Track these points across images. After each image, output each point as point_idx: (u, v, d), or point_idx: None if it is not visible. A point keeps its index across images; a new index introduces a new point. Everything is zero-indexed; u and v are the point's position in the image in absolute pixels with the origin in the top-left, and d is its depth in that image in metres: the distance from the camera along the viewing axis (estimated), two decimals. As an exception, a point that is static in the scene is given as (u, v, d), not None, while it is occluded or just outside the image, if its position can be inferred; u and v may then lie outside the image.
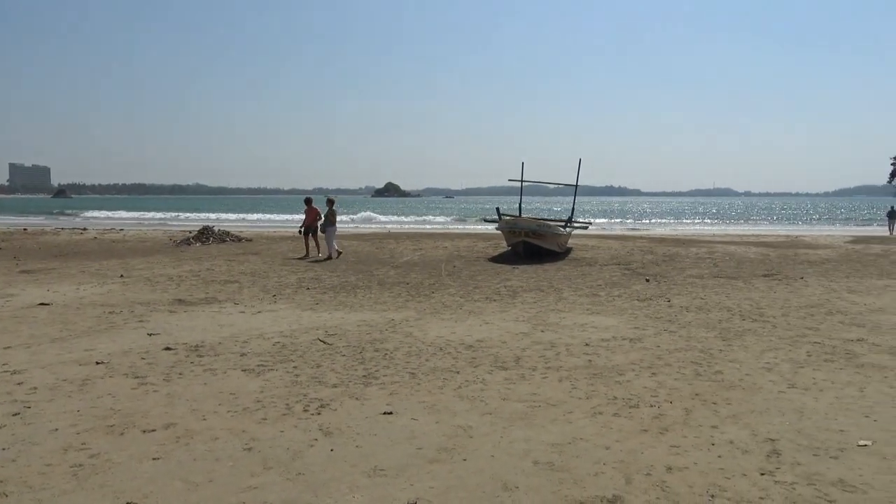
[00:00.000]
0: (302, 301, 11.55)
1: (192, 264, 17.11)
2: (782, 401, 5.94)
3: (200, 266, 16.70)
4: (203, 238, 24.09)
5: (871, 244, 25.37)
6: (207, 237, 24.24)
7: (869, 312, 10.47)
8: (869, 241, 27.13)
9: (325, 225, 19.07)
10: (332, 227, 19.06)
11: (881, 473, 4.38)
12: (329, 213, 19.11)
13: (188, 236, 25.17)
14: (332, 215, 19.12)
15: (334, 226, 19.18)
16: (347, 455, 4.69)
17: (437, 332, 8.91)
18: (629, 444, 4.89)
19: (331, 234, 18.96)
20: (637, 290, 13.09)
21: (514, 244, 19.26)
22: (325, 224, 19.09)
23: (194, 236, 24.53)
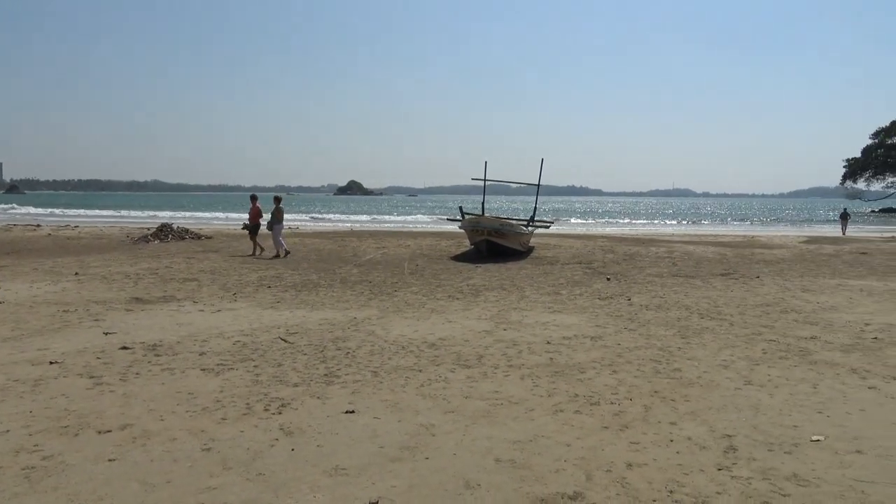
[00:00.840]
0: (263, 299, 11.42)
1: (150, 262, 16.81)
2: (739, 397, 6.05)
3: (159, 264, 16.41)
4: (162, 235, 23.70)
5: (823, 244, 26.02)
6: (166, 234, 23.85)
7: (822, 311, 10.73)
8: (822, 242, 27.82)
9: (272, 222, 18.98)
10: (279, 224, 19.01)
11: (833, 467, 4.48)
12: (275, 211, 19.06)
13: (146, 233, 24.72)
14: (278, 213, 19.06)
15: (281, 223, 19.14)
16: (308, 455, 4.65)
17: (399, 331, 8.89)
18: (590, 441, 4.93)
19: (277, 232, 18.89)
20: (598, 288, 13.23)
21: (476, 243, 19.32)
22: (271, 221, 19.01)
23: (153, 233, 24.12)
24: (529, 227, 22.81)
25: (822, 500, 3.99)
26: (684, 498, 4.02)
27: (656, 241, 26.34)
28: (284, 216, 19.60)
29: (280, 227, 19.00)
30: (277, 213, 19.03)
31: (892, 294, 12.66)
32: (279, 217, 19.06)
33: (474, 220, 19.81)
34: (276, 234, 18.85)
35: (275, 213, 19.04)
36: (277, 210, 19.05)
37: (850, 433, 5.15)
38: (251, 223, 19.35)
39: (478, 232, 19.11)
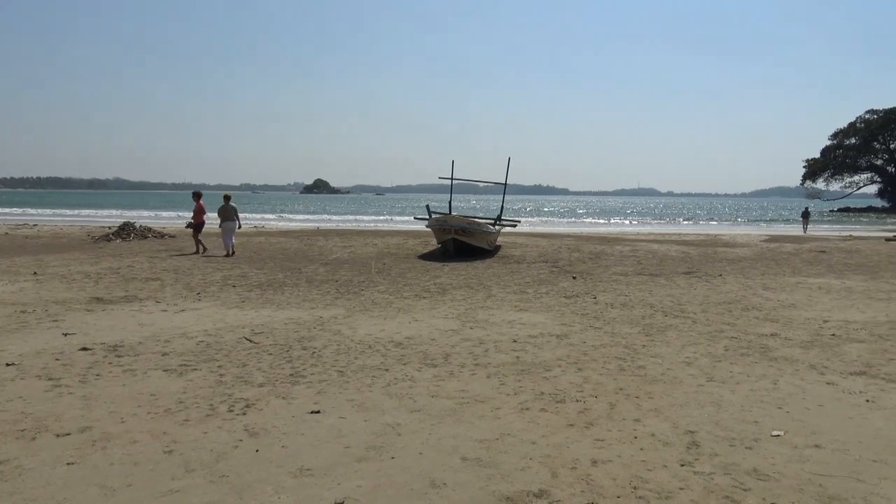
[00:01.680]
0: (227, 299, 11.29)
1: (112, 261, 16.51)
2: (701, 394, 6.14)
3: (120, 263, 16.13)
4: (123, 234, 23.31)
5: (784, 243, 26.53)
6: (128, 233, 23.46)
7: (782, 308, 10.93)
8: (782, 241, 28.37)
9: (222, 220, 18.88)
10: (230, 222, 18.84)
11: (792, 462, 4.57)
12: (224, 209, 18.93)
13: (108, 232, 24.29)
14: (226, 211, 18.94)
15: (233, 221, 18.93)
16: (273, 455, 4.60)
17: (366, 330, 8.86)
18: (555, 439, 4.96)
19: (225, 230, 18.78)
20: (564, 287, 13.32)
21: (443, 242, 19.33)
22: (221, 220, 18.91)
23: (114, 232, 23.71)
24: (496, 225, 22.90)
25: (782, 494, 4.07)
26: (648, 494, 4.07)
27: (621, 239, 26.62)
28: (239, 215, 19.42)
29: (230, 226, 18.83)
30: (224, 212, 18.89)
31: (849, 292, 12.96)
32: (228, 215, 18.89)
33: (441, 219, 19.82)
34: (223, 233, 18.78)
35: (222, 211, 18.93)
36: (226, 208, 18.91)
37: (809, 428, 5.25)
38: (195, 221, 19.17)
39: (445, 231, 19.12)
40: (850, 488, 4.16)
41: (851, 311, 10.65)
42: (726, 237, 31.52)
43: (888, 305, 11.29)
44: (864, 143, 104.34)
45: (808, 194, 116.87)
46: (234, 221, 18.94)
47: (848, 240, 29.16)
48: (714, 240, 28.59)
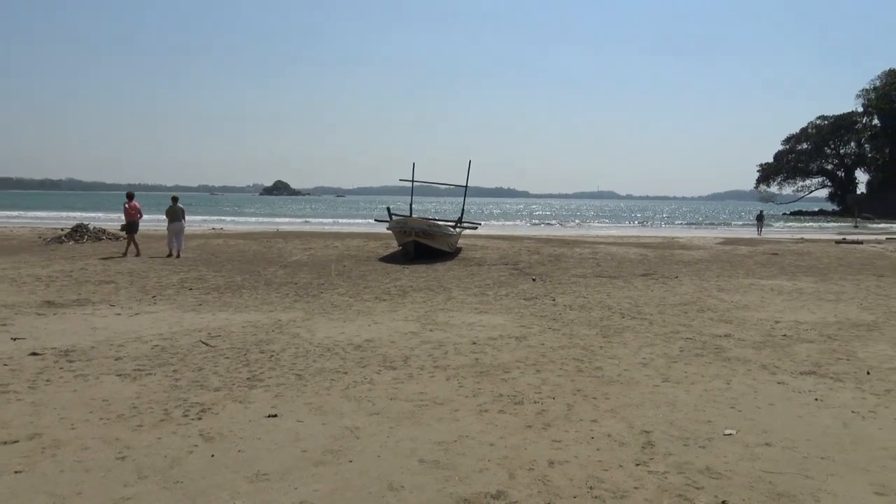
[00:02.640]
0: (184, 302, 11.11)
1: (64, 264, 16.13)
2: (657, 394, 6.23)
3: (73, 266, 15.76)
4: (76, 236, 22.76)
5: (739, 245, 27.05)
6: (81, 235, 22.92)
7: (736, 309, 11.16)
8: (737, 243, 28.92)
9: (170, 222, 18.92)
10: (177, 223, 18.86)
11: (744, 460, 4.67)
12: (171, 210, 18.98)
13: (60, 234, 23.71)
14: (173, 212, 18.97)
15: (180, 222, 18.97)
16: (229, 460, 4.55)
17: (325, 333, 8.80)
18: (513, 441, 4.99)
19: (171, 231, 18.83)
20: (524, 289, 13.41)
21: (404, 244, 19.30)
22: (169, 221, 18.96)
23: (67, 234, 23.14)
24: (457, 228, 22.95)
25: (734, 492, 4.15)
26: (604, 493, 4.12)
27: (581, 242, 26.87)
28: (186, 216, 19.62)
29: (176, 227, 18.85)
30: (171, 213, 18.97)
31: (800, 293, 13.28)
32: (175, 216, 18.95)
33: (402, 222, 19.79)
34: (170, 234, 18.85)
35: (169, 213, 19.00)
36: (174, 209, 18.97)
37: (760, 427, 5.37)
38: (128, 222, 18.90)
39: (405, 233, 19.10)
40: (799, 485, 4.26)
41: (802, 312, 10.91)
42: (683, 240, 32.04)
43: (837, 306, 11.61)
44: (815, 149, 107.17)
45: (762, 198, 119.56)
46: (182, 222, 19.07)
47: (800, 242, 29.86)
48: (671, 242, 29.03)
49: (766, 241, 30.63)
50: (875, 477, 4.40)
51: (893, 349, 8.25)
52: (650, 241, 29.44)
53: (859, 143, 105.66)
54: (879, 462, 4.66)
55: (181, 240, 18.89)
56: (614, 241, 29.62)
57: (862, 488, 4.23)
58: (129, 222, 18.82)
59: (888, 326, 9.75)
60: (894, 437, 5.17)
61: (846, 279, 15.89)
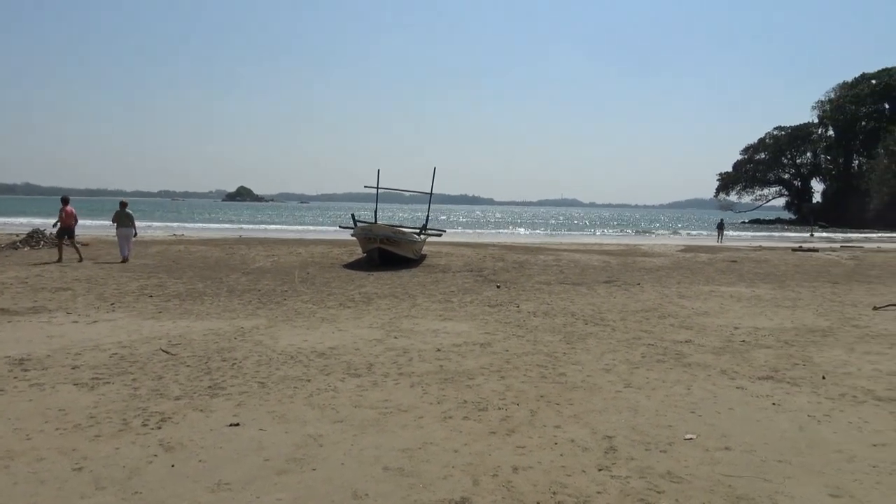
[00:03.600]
0: (143, 309, 10.92)
1: (19, 270, 15.74)
2: (619, 400, 6.30)
3: (28, 272, 15.39)
4: (32, 242, 22.23)
5: (699, 253, 27.50)
6: (37, 241, 22.38)
7: (696, 315, 11.34)
8: (697, 251, 29.39)
9: (118, 227, 19.02)
10: (125, 229, 18.96)
11: (704, 464, 4.74)
12: (120, 216, 19.09)
13: (15, 240, 23.13)
14: (122, 218, 19.08)
15: (129, 228, 19.06)
16: (189, 470, 4.48)
17: (288, 340, 8.72)
18: (477, 447, 5.00)
19: (121, 237, 18.93)
20: (488, 296, 13.45)
21: (369, 251, 19.25)
22: (118, 226, 19.05)
23: (22, 240, 22.58)
24: (422, 235, 22.96)
25: (694, 496, 4.21)
26: (567, 499, 4.15)
27: (545, 249, 27.07)
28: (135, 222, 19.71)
29: (126, 232, 18.95)
30: (122, 218, 19.04)
31: (758, 299, 13.55)
32: (123, 222, 19.03)
33: (366, 228, 19.74)
34: (119, 239, 18.97)
35: (117, 217, 19.10)
36: (122, 215, 19.06)
37: (720, 431, 5.46)
38: (62, 227, 18.60)
39: (370, 240, 19.05)
40: (757, 488, 4.34)
41: (760, 319, 11.13)
42: (645, 247, 32.45)
43: (793, 312, 11.87)
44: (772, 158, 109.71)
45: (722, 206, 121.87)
46: (131, 228, 19.16)
47: (758, 250, 30.45)
48: (633, 250, 29.39)
49: (726, 249, 31.19)
50: (830, 479, 4.51)
51: (847, 354, 8.46)
52: (613, 249, 29.78)
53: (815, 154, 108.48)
54: (834, 465, 4.77)
55: (130, 244, 19.06)
56: (577, 248, 29.89)
57: (817, 490, 4.33)
58: (64, 227, 18.46)
59: (842, 332, 10.00)
60: (848, 440, 5.30)
61: (802, 286, 16.26)
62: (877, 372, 7.54)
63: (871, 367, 7.80)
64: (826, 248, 31.98)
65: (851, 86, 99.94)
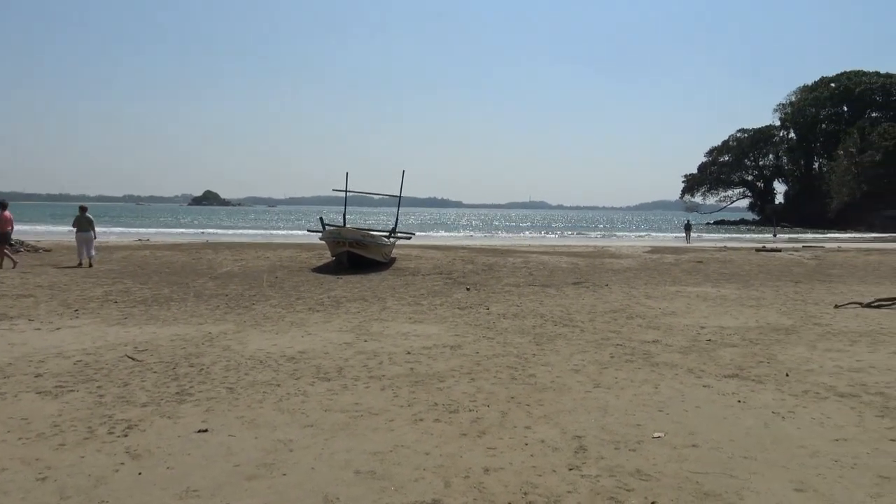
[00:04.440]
0: (108, 316, 10.75)
1: (-22, 277, 15.38)
2: (588, 400, 6.36)
3: (-12, 279, 15.05)
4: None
5: (665, 254, 27.82)
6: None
7: (663, 316, 11.48)
8: (664, 252, 29.74)
9: (78, 231, 19.00)
10: (85, 233, 18.90)
11: (672, 462, 4.81)
12: (80, 220, 19.06)
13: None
14: (81, 222, 19.04)
15: (88, 232, 18.98)
16: (157, 478, 4.42)
17: (257, 345, 8.65)
18: (448, 449, 5.01)
19: (80, 241, 18.93)
20: (458, 298, 13.48)
21: (338, 254, 19.17)
22: (77, 230, 19.03)
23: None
24: (391, 238, 22.92)
25: (662, 493, 4.27)
26: (537, 499, 4.17)
27: (514, 251, 27.18)
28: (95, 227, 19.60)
29: (85, 236, 18.89)
30: (81, 223, 19.01)
31: (723, 299, 13.76)
32: (83, 226, 18.97)
33: (335, 232, 19.66)
34: (78, 243, 18.94)
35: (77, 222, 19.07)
36: (82, 219, 19.06)
37: (687, 429, 5.54)
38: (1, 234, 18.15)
39: (339, 243, 18.97)
40: (724, 484, 4.41)
41: (725, 318, 11.31)
42: (613, 248, 32.74)
43: (758, 311, 12.08)
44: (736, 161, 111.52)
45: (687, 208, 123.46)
46: (90, 232, 19.08)
47: (723, 251, 30.91)
48: (601, 251, 29.64)
49: (692, 250, 31.61)
50: (794, 474, 4.60)
51: (810, 352, 8.64)
52: (581, 250, 29.99)
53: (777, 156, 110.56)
54: (798, 460, 4.86)
55: (90, 249, 18.93)
56: (546, 250, 30.05)
57: (782, 485, 4.41)
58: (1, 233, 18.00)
59: (805, 330, 10.20)
60: (811, 435, 5.41)
61: (766, 285, 16.55)
62: (838, 368, 7.71)
63: (832, 363, 7.97)
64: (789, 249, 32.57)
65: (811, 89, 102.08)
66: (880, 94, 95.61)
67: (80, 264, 18.49)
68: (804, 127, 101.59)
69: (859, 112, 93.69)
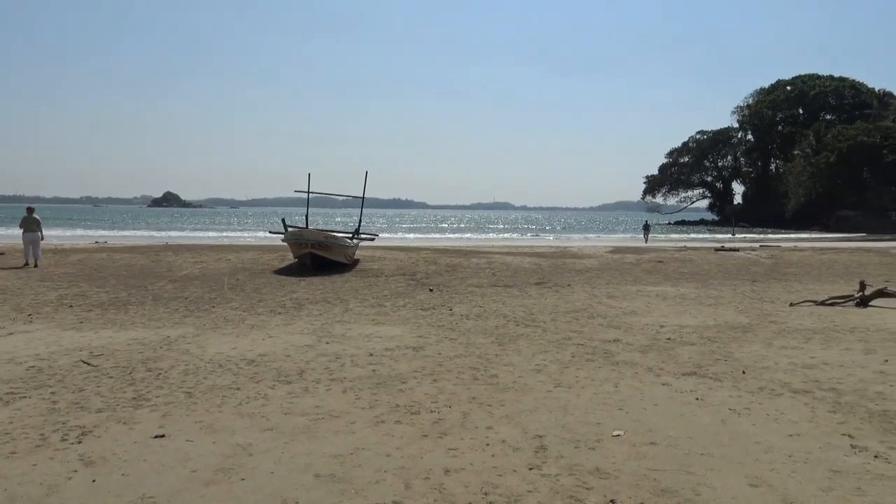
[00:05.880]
0: (63, 320, 10.51)
1: (-73, 282, 14.93)
2: (549, 399, 6.40)
3: (-63, 283, 14.61)
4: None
5: (626, 254, 28.13)
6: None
7: (624, 315, 11.62)
8: (625, 252, 30.07)
9: (24, 231, 18.91)
10: (31, 233, 18.80)
11: (631, 459, 4.86)
12: (26, 221, 19.01)
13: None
14: (28, 223, 18.99)
15: (35, 233, 18.87)
16: (112, 485, 4.33)
17: (216, 349, 8.53)
18: (410, 450, 5.00)
19: (26, 241, 18.80)
20: (421, 299, 13.47)
21: (300, 256, 19.02)
22: (24, 231, 18.94)
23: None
24: (354, 239, 22.81)
25: (621, 490, 4.31)
26: (498, 499, 4.18)
27: (477, 252, 27.22)
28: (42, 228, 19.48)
29: (32, 237, 18.77)
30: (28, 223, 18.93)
31: (682, 298, 13.97)
32: (30, 227, 18.88)
33: (297, 233, 19.49)
34: (25, 243, 18.83)
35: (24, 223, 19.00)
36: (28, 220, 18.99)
37: (646, 426, 5.61)
38: None
39: (301, 245, 18.82)
40: (681, 480, 4.48)
41: (684, 317, 11.48)
42: (575, 249, 33.00)
43: (716, 310, 12.29)
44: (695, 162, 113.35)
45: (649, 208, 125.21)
46: (38, 233, 18.97)
47: (682, 250, 31.36)
48: (564, 251, 29.84)
49: (652, 250, 32.00)
50: (749, 470, 4.68)
51: (766, 349, 8.82)
52: (544, 251, 30.18)
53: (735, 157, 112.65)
54: (753, 455, 4.95)
55: (37, 249, 18.77)
56: (509, 250, 30.18)
57: (737, 481, 4.49)
58: None
59: (761, 328, 10.41)
60: (766, 431, 5.52)
61: (724, 285, 16.85)
62: (792, 365, 7.88)
63: (787, 360, 8.15)
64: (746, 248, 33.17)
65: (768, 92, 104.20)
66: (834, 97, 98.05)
67: (27, 264, 18.36)
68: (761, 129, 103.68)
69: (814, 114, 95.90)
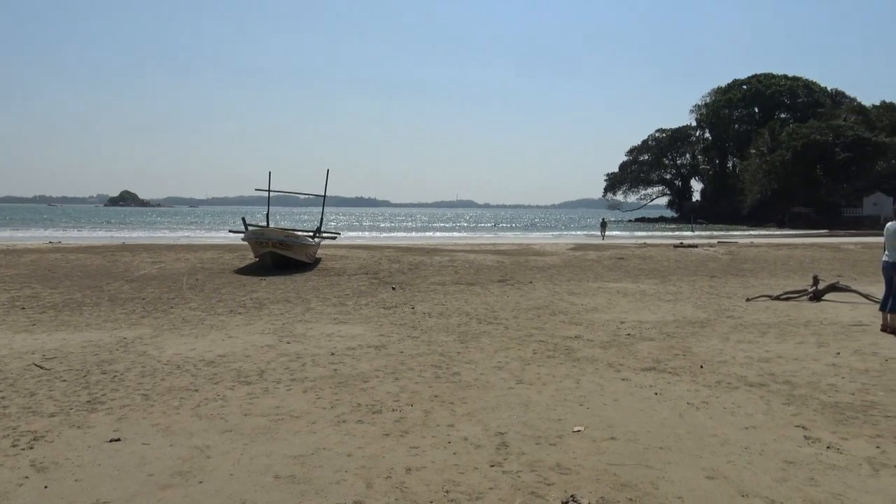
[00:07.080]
0: (15, 322, 10.24)
1: None
2: (511, 396, 6.42)
3: None
4: None
5: (588, 251, 28.42)
6: None
7: (585, 312, 11.72)
8: (587, 249, 30.37)
9: None
10: None
11: (591, 454, 4.90)
12: None
13: None
14: None
15: None
16: (64, 491, 4.22)
17: (174, 350, 8.39)
18: (371, 450, 4.97)
19: None
20: (384, 298, 13.42)
21: (261, 255, 18.82)
22: None
23: None
24: (316, 238, 22.65)
25: (581, 486, 4.34)
26: (459, 496, 4.18)
27: (440, 250, 27.24)
28: None
29: None
30: None
31: (642, 294, 14.15)
32: None
33: (258, 232, 19.28)
34: None
35: None
36: None
37: (606, 422, 5.66)
38: None
39: (262, 244, 18.62)
40: (640, 474, 4.53)
41: (644, 313, 11.63)
42: (537, 246, 33.23)
43: (675, 306, 12.47)
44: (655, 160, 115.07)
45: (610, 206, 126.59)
46: None
47: (643, 247, 31.79)
48: (526, 249, 30.03)
49: (614, 247, 32.37)
50: (707, 462, 4.76)
51: (723, 343, 8.97)
52: (506, 248, 30.32)
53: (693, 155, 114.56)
54: (710, 449, 5.03)
55: None
56: (472, 248, 30.25)
57: (695, 474, 4.55)
58: None
59: (719, 323, 10.59)
60: (723, 424, 5.61)
61: (683, 280, 17.12)
62: (748, 359, 8.04)
63: (743, 354, 8.30)
64: (705, 245, 33.78)
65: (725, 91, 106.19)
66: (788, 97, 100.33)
67: None
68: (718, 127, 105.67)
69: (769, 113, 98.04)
